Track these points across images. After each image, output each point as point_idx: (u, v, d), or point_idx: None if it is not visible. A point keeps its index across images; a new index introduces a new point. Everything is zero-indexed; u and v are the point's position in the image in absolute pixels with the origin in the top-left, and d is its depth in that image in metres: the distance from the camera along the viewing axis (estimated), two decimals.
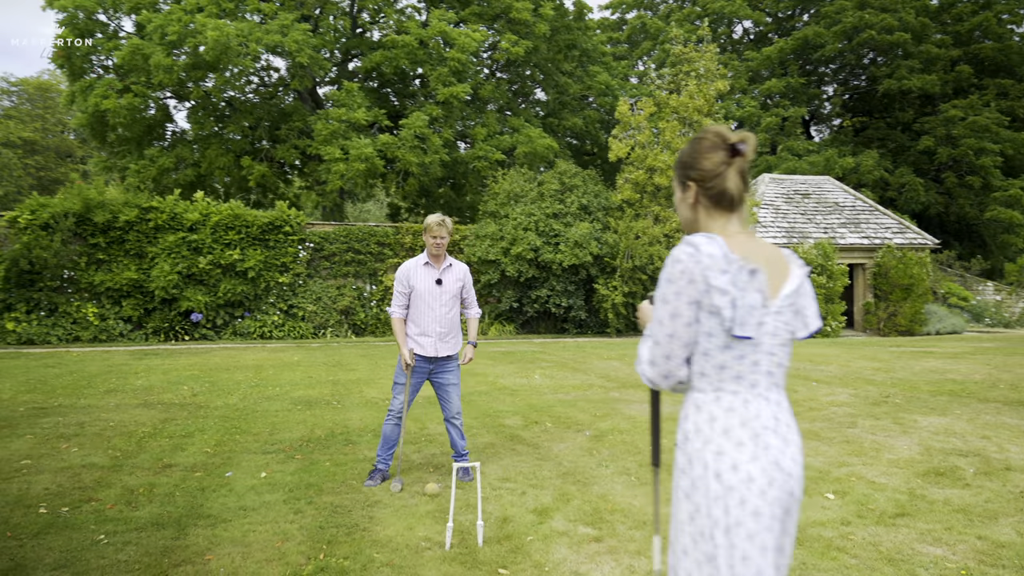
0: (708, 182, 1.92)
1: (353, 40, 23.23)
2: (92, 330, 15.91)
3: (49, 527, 3.96)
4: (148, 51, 19.81)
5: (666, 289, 1.84)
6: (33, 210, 15.84)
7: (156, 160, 21.95)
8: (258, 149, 23.13)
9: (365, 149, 19.12)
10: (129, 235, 16.41)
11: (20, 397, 8.37)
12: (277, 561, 3.51)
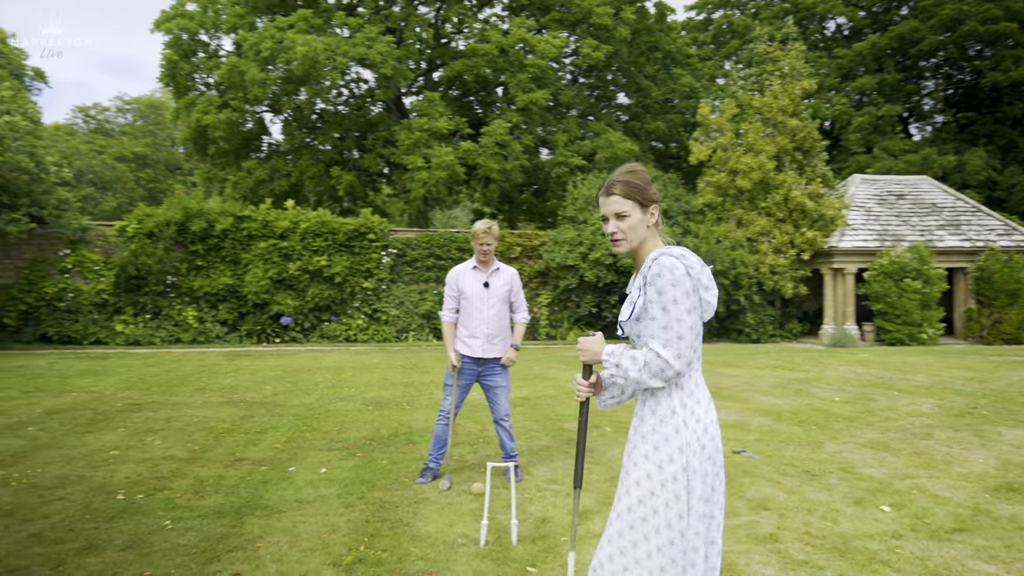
0: (658, 208, 2.27)
1: (436, 50, 23.77)
2: (192, 332, 16.88)
3: (123, 512, 4.30)
4: (244, 68, 20.87)
5: (676, 291, 2.11)
6: (140, 220, 16.97)
7: (253, 171, 23.10)
8: (346, 159, 23.97)
9: (446, 157, 19.53)
10: (225, 242, 17.34)
11: (120, 393, 9.02)
12: (321, 551, 3.70)
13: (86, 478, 5.03)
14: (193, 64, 23.21)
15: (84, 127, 38.72)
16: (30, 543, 3.78)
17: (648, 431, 2.17)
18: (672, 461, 2.11)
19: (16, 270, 16.81)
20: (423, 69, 24.64)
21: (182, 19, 22.55)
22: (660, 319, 2.11)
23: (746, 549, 3.72)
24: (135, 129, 37.25)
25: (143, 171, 36.10)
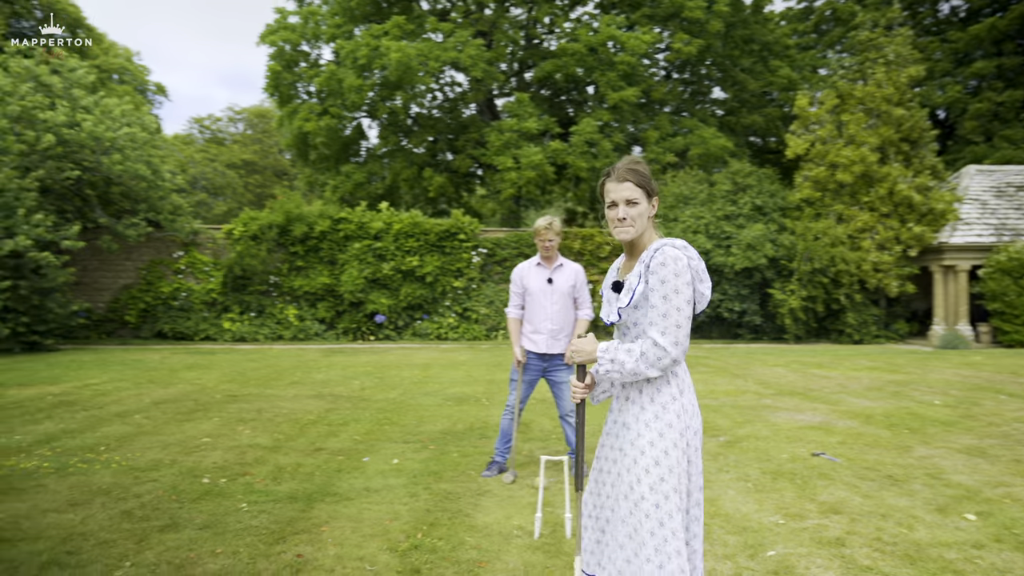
0: (658, 198, 2.36)
1: (527, 51, 23.91)
2: (293, 330, 17.66)
3: (206, 494, 4.58)
4: (342, 76, 21.66)
5: (678, 281, 2.20)
6: (245, 223, 17.91)
7: (351, 175, 23.93)
8: (439, 161, 24.47)
9: (535, 157, 19.63)
10: (323, 244, 18.05)
11: (220, 386, 9.57)
12: (380, 537, 3.83)
13: (178, 462, 5.38)
14: (295, 74, 24.26)
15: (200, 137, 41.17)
16: (120, 519, 4.09)
17: (651, 419, 2.25)
18: (676, 447, 2.22)
19: (136, 271, 18.07)
20: (514, 70, 24.86)
21: (285, 32, 23.61)
22: (660, 307, 2.19)
23: (808, 552, 3.60)
24: (245, 137, 39.30)
25: (251, 177, 38.06)
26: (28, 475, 4.99)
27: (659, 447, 2.21)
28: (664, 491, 2.17)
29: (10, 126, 14.61)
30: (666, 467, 2.19)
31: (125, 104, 17.44)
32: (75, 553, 3.57)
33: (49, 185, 15.29)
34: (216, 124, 39.92)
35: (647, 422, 2.25)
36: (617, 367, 2.23)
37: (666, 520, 2.15)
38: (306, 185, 27.90)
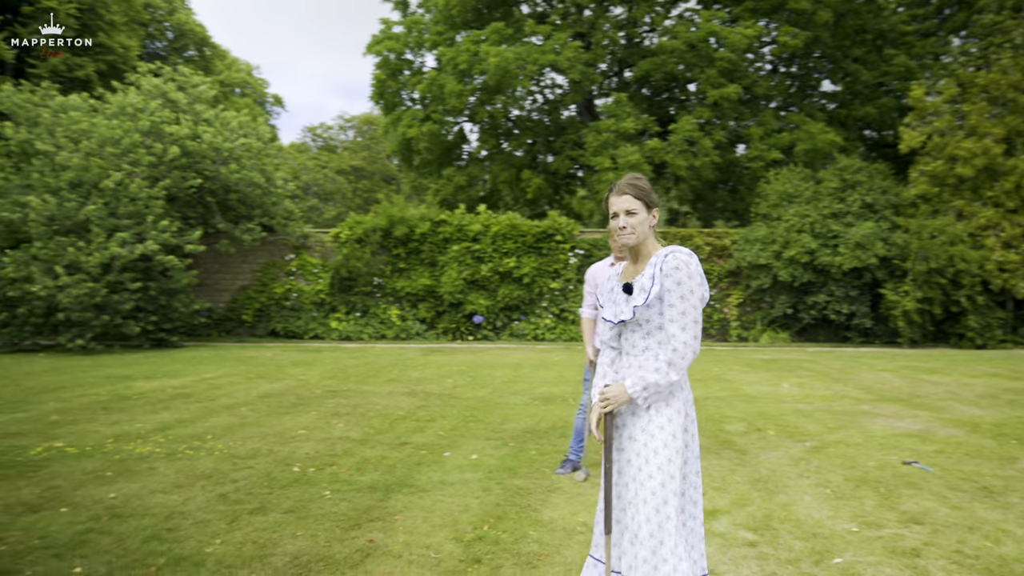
0: (658, 209, 2.58)
1: (626, 51, 23.75)
2: (395, 329, 18.28)
3: (295, 482, 4.89)
4: (443, 82, 22.21)
5: (692, 283, 2.47)
6: (351, 227, 18.69)
7: (452, 178, 24.50)
8: (538, 163, 24.66)
9: (632, 156, 19.48)
10: (424, 246, 18.59)
11: (322, 382, 10.07)
12: (449, 527, 3.99)
13: (273, 452, 5.75)
14: (399, 82, 25.07)
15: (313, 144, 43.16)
16: (216, 501, 4.44)
17: (661, 406, 2.48)
18: (686, 431, 2.52)
19: (252, 273, 19.20)
20: (613, 70, 24.74)
21: (389, 41, 24.43)
22: (679, 306, 2.45)
23: (877, 561, 3.48)
24: (354, 144, 40.92)
25: (360, 182, 39.57)
26: (142, 459, 5.47)
27: (667, 431, 2.46)
28: (670, 471, 2.41)
29: (141, 140, 15.87)
30: (673, 449, 2.44)
31: (242, 116, 18.56)
32: (174, 530, 3.92)
33: (174, 193, 16.49)
34: (327, 132, 41.76)
35: (657, 408, 2.49)
36: (653, 390, 2.43)
37: (670, 499, 2.39)
38: (411, 189, 28.76)
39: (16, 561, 3.47)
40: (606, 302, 2.66)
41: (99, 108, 16.90)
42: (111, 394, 8.79)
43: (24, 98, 16.90)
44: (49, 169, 15.32)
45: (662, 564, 2.34)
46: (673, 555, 2.35)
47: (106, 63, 29.78)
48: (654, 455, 2.42)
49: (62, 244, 14.25)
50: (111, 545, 3.69)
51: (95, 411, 7.57)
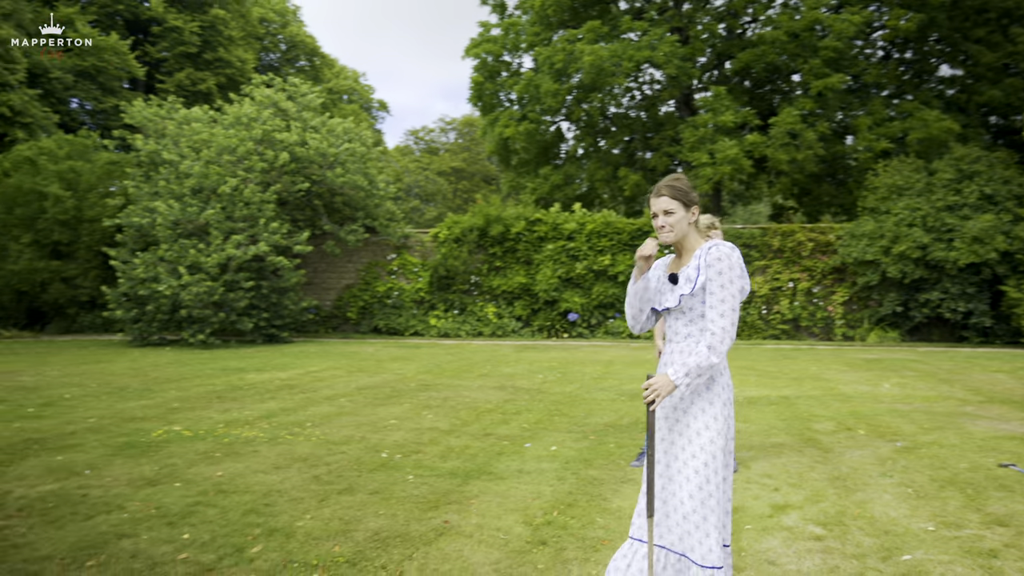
0: (698, 210, 2.74)
1: (725, 43, 23.25)
2: (492, 327, 18.66)
3: (382, 466, 5.21)
4: (539, 81, 22.45)
5: (732, 273, 2.62)
6: (449, 227, 19.21)
7: (548, 177, 24.71)
8: (635, 160, 24.51)
9: (730, 151, 19.09)
10: (519, 245, 18.88)
11: (417, 376, 10.49)
12: (520, 512, 4.17)
13: (365, 439, 6.11)
14: (496, 83, 25.50)
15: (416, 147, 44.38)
16: (310, 482, 4.80)
17: (702, 390, 2.66)
18: (722, 414, 2.65)
19: (356, 272, 20.05)
20: (712, 63, 24.26)
21: (487, 44, 24.89)
22: (718, 294, 2.59)
23: (949, 560, 3.41)
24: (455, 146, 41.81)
25: (460, 183, 40.39)
26: (248, 442, 5.94)
27: (709, 413, 2.63)
28: (711, 451, 2.58)
29: (255, 147, 16.90)
30: (715, 430, 2.60)
31: (347, 122, 19.41)
32: (271, 505, 4.29)
33: (284, 197, 17.46)
34: (429, 135, 42.87)
35: (699, 392, 2.65)
36: (694, 375, 2.56)
37: (711, 476, 2.56)
38: (508, 188, 29.17)
39: (135, 527, 3.90)
40: (654, 293, 2.79)
41: (218, 119, 18.11)
42: (225, 384, 9.49)
43: (152, 112, 18.32)
44: (174, 177, 16.56)
45: (705, 539, 2.52)
46: (716, 529, 2.53)
47: (225, 76, 31.70)
48: (701, 448, 2.59)
49: (185, 246, 15.38)
50: (215, 516, 4.08)
51: (210, 399, 8.21)
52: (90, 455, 5.48)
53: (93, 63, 27.38)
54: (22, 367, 11.33)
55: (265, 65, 39.26)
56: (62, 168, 18.15)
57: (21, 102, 22.85)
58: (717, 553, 2.52)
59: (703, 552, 2.53)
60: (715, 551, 2.52)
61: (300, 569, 3.33)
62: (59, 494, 4.48)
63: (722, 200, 26.58)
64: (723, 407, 2.63)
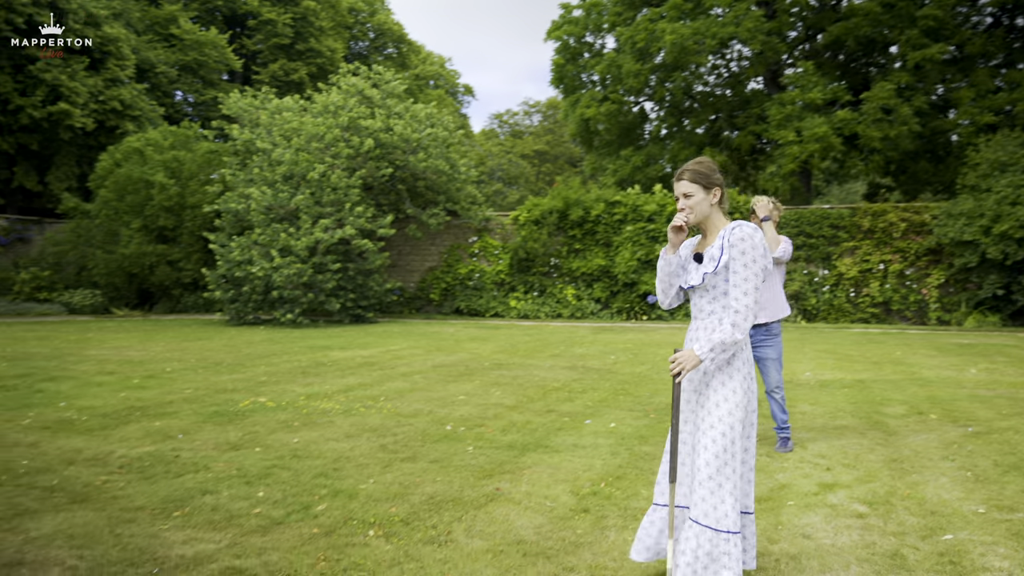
0: (723, 191, 2.85)
1: (817, 15, 22.40)
2: (570, 308, 18.81)
3: (445, 438, 5.48)
4: (621, 62, 22.28)
5: (756, 252, 2.73)
6: (528, 210, 19.42)
7: (630, 159, 24.53)
8: (720, 139, 24.01)
9: (818, 129, 18.48)
10: (599, 227, 18.90)
11: (492, 356, 10.78)
12: (570, 482, 4.35)
13: (433, 413, 6.41)
14: (578, 65, 25.43)
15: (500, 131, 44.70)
16: (377, 450, 5.12)
17: (734, 371, 2.78)
18: (741, 387, 2.77)
19: (439, 255, 20.55)
20: (802, 37, 23.43)
21: (569, 26, 24.83)
22: (741, 272, 2.71)
23: (992, 541, 3.38)
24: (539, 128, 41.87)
25: (543, 166, 40.47)
26: (324, 414, 6.35)
27: (728, 387, 2.75)
28: (729, 422, 2.71)
29: (341, 134, 17.53)
30: (733, 403, 2.73)
31: (430, 108, 19.84)
32: (339, 470, 4.62)
33: (369, 182, 18.07)
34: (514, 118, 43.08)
35: (721, 367, 2.75)
36: (720, 350, 2.69)
37: (728, 446, 2.70)
38: (591, 170, 29.11)
39: (217, 485, 4.30)
40: (681, 271, 2.90)
41: (307, 108, 18.87)
42: (310, 361, 10.03)
43: (247, 103, 19.25)
44: (267, 164, 17.40)
45: (720, 504, 2.65)
46: (731, 496, 2.68)
47: (316, 65, 32.79)
48: (719, 419, 2.72)
49: (277, 230, 16.18)
50: (288, 478, 4.44)
51: (295, 374, 8.73)
52: (184, 422, 5.99)
53: (195, 57, 28.87)
54: (131, 343, 12.28)
55: (354, 53, 40.34)
56: (166, 158, 19.34)
57: (131, 96, 24.39)
58: (732, 518, 2.64)
59: (717, 517, 2.66)
60: (730, 516, 2.64)
61: (358, 526, 3.62)
62: (154, 455, 4.96)
63: (812, 180, 25.71)
64: (742, 381, 2.74)
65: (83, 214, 20.82)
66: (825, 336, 13.93)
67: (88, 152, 24.54)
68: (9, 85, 21.68)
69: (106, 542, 3.40)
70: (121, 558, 3.21)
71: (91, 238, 20.31)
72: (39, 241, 22.52)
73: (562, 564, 3.15)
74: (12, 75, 22.06)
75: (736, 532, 2.64)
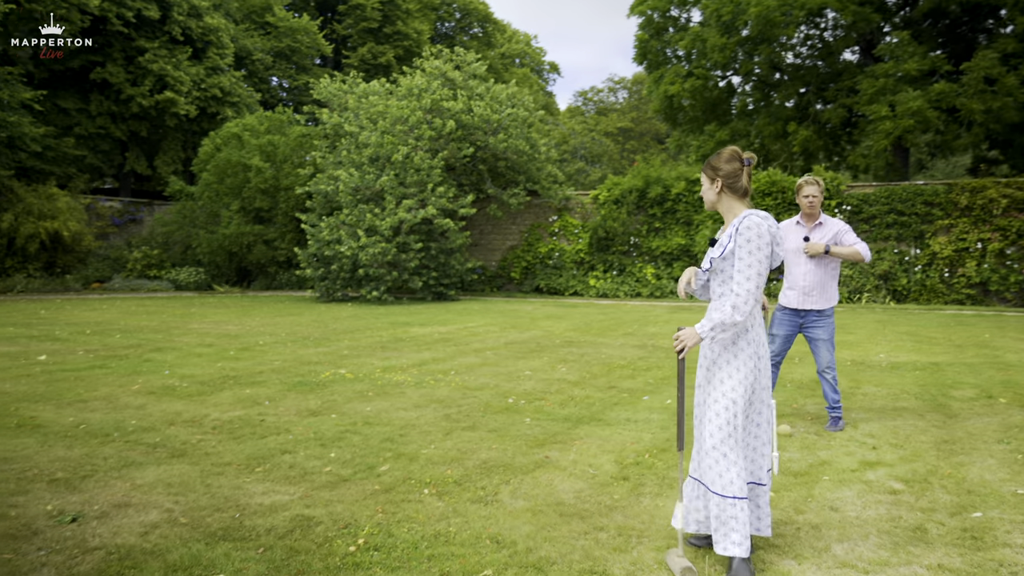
0: (730, 179, 3.00)
1: None
2: (650, 287, 18.83)
3: (506, 410, 5.81)
4: (705, 36, 21.88)
5: (760, 241, 2.89)
6: (608, 189, 19.47)
7: (714, 135, 24.11)
8: (808, 114, 23.27)
9: (913, 103, 17.71)
10: (679, 205, 18.78)
11: (565, 333, 11.05)
12: (616, 453, 4.59)
13: (498, 387, 6.76)
14: (662, 40, 25.09)
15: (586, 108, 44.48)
16: (441, 419, 5.50)
17: (739, 351, 2.92)
18: (745, 365, 2.94)
19: (519, 234, 20.89)
20: (899, 4, 22.34)
21: (653, 0, 24.49)
22: (745, 259, 2.89)
23: (1023, 520, 3.43)
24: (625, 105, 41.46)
25: (628, 143, 40.10)
26: (396, 385, 6.79)
27: (733, 365, 2.93)
28: (732, 397, 2.90)
29: (424, 117, 18.04)
30: (736, 379, 2.91)
31: (510, 88, 20.10)
32: (404, 436, 5.02)
33: (451, 163, 18.53)
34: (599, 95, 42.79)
35: (727, 346, 2.94)
36: (719, 329, 2.87)
37: (731, 419, 2.90)
38: (675, 148, 28.75)
39: (295, 446, 4.77)
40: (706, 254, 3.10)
41: (393, 91, 19.46)
42: (391, 336, 10.57)
43: (336, 87, 20.01)
44: (354, 147, 18.11)
45: (725, 472, 2.86)
46: (735, 465, 2.88)
47: (403, 48, 33.50)
48: (723, 394, 2.92)
49: (363, 211, 16.88)
50: (358, 442, 4.87)
51: (375, 349, 9.26)
52: (270, 390, 6.55)
53: (288, 44, 30.06)
54: (229, 318, 13.19)
55: (440, 34, 40.93)
56: (262, 142, 20.38)
57: (230, 83, 25.69)
58: (738, 484, 2.85)
59: (723, 484, 2.87)
60: (736, 483, 2.85)
61: (415, 485, 3.99)
62: (243, 418, 5.49)
63: (911, 154, 24.62)
64: (747, 360, 2.93)
65: (187, 196, 22.21)
66: (912, 318, 13.51)
67: (192, 137, 26.08)
68: (121, 76, 23.25)
69: (197, 490, 3.89)
70: (209, 504, 3.69)
71: (195, 219, 21.67)
72: (149, 222, 24.17)
73: (593, 524, 3.42)
74: (124, 66, 23.64)
75: (742, 497, 2.84)
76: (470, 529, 3.36)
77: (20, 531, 3.33)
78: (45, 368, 7.60)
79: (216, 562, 3.01)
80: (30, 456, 4.49)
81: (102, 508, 3.62)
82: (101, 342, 9.68)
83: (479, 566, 2.96)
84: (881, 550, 3.11)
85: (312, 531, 3.34)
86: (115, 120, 24.41)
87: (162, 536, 3.27)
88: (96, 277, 21.27)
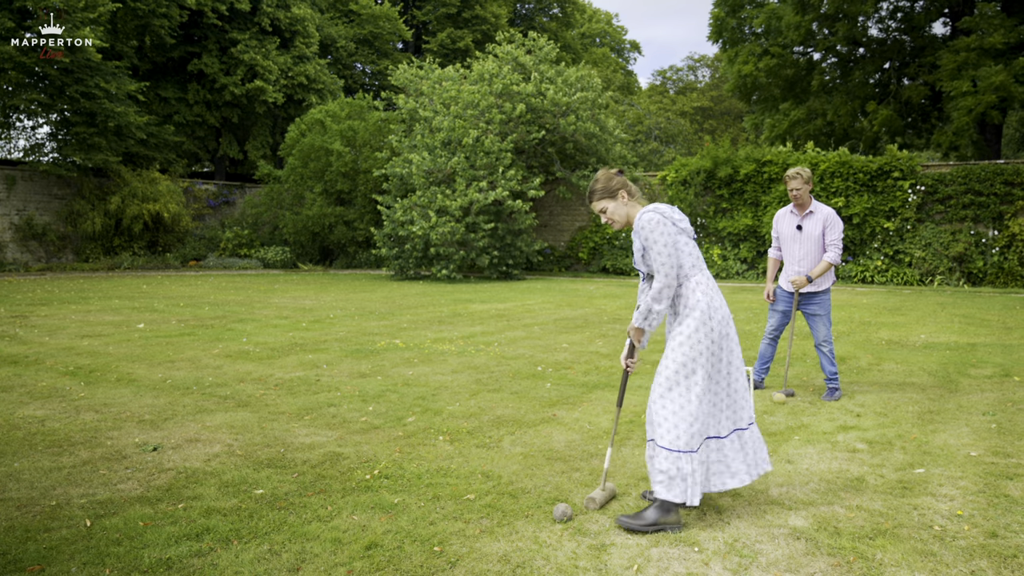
0: (627, 187, 3.43)
1: None
2: (716, 268, 18.95)
3: (532, 376, 6.41)
4: (781, 13, 21.58)
5: (655, 234, 3.26)
6: (676, 170, 19.64)
7: (789, 113, 23.76)
8: (888, 91, 22.65)
9: (995, 78, 17.11)
10: (747, 186, 18.79)
11: (617, 311, 11.53)
12: (635, 422, 5.13)
13: (533, 357, 7.36)
14: (738, 17, 24.82)
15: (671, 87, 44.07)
16: (472, 383, 6.16)
17: (685, 316, 3.27)
18: (712, 331, 3.25)
19: (588, 215, 21.30)
20: None
21: None
22: (651, 254, 3.28)
23: (960, 475, 3.77)
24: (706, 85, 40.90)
25: (706, 122, 39.60)
26: (440, 353, 7.50)
27: (679, 331, 3.28)
28: (677, 358, 3.24)
29: (495, 101, 18.66)
30: (680, 342, 3.25)
31: (580, 70, 20.46)
32: (436, 395, 5.70)
33: (520, 146, 19.11)
34: (678, 74, 42.33)
35: (683, 319, 3.32)
36: (653, 317, 3.31)
37: (672, 375, 3.23)
38: (751, 127, 28.39)
39: (341, 401, 5.52)
40: None
41: (466, 76, 20.16)
42: (450, 312, 11.32)
43: (412, 73, 20.85)
44: (428, 131, 18.92)
45: (673, 428, 3.21)
46: (683, 421, 3.21)
47: (481, 32, 34.14)
48: (670, 351, 3.30)
49: (435, 193, 17.70)
50: (395, 399, 5.58)
51: (432, 323, 10.01)
52: (330, 356, 7.38)
53: (370, 30, 31.18)
54: (307, 294, 14.26)
55: (519, 16, 41.31)
56: (343, 127, 21.49)
57: (315, 71, 27.00)
58: (685, 440, 3.18)
59: (670, 439, 3.21)
60: (682, 438, 3.18)
61: (433, 433, 4.66)
62: (301, 379, 6.31)
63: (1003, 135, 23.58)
64: (695, 328, 3.23)
65: (275, 179, 23.64)
66: (977, 301, 13.29)
67: (280, 123, 27.58)
68: (216, 66, 24.84)
69: (253, 431, 4.68)
70: (261, 442, 4.46)
71: (281, 201, 23.08)
72: (240, 204, 25.83)
73: (572, 466, 4.00)
74: (218, 57, 25.24)
75: (691, 451, 3.19)
76: (468, 467, 4.00)
77: (114, 455, 4.19)
78: (143, 335, 8.70)
79: (260, 482, 3.76)
80: (125, 403, 5.41)
81: (177, 442, 4.45)
82: (192, 313, 10.82)
83: (466, 492, 3.60)
84: (813, 494, 3.56)
85: (339, 463, 4.06)
86: (210, 108, 26.10)
87: (220, 463, 4.06)
88: (193, 255, 23.01)
